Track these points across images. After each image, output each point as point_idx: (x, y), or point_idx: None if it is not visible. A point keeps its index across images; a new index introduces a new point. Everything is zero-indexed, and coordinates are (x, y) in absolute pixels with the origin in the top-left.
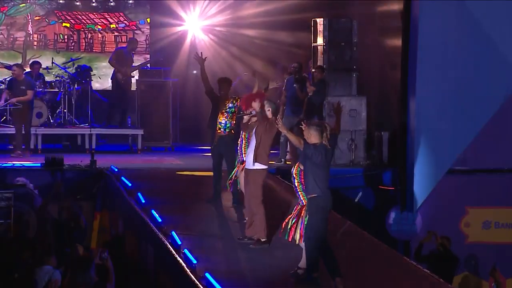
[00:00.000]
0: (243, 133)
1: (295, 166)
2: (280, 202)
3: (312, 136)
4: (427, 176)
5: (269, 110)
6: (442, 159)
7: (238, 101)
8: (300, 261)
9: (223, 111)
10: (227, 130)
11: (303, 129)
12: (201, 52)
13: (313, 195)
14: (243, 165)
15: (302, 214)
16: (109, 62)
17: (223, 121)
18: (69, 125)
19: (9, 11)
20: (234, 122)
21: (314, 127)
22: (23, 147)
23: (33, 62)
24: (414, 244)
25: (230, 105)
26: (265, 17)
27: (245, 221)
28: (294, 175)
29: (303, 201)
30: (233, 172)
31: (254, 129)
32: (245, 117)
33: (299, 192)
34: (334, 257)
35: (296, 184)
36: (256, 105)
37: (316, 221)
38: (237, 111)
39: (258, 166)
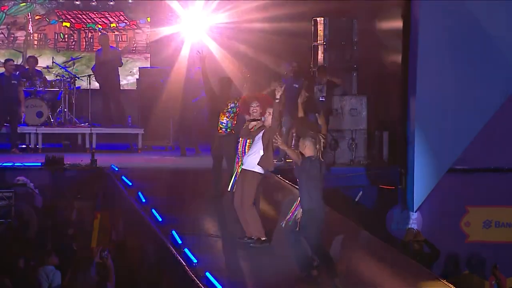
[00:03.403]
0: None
1: None
2: (280, 201)
3: (307, 148)
4: (428, 175)
5: (270, 114)
6: (442, 158)
7: (239, 101)
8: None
9: (225, 111)
10: (228, 130)
11: (299, 142)
12: (202, 50)
13: (308, 208)
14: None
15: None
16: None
17: (225, 121)
18: (70, 124)
19: (10, 10)
20: (235, 122)
21: (309, 139)
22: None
23: (29, 57)
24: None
25: (232, 105)
26: (266, 17)
27: None
28: (295, 166)
29: None
30: (235, 173)
31: (261, 135)
32: (252, 124)
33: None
34: (330, 258)
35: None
36: (259, 108)
37: (312, 232)
38: (238, 113)
39: (258, 169)
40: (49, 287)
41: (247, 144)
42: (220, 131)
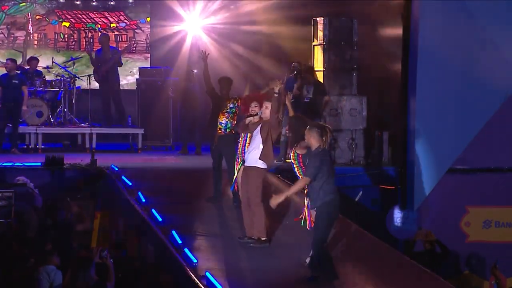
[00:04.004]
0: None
1: (292, 151)
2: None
3: (312, 138)
4: (428, 176)
5: (267, 108)
6: (442, 158)
7: (239, 101)
8: (306, 256)
9: (224, 111)
10: (227, 130)
11: (305, 131)
12: (204, 50)
13: (322, 203)
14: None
15: (306, 201)
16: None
17: (224, 121)
18: (70, 124)
19: (10, 10)
20: (235, 122)
21: (315, 129)
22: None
23: (30, 57)
24: (415, 244)
25: (231, 105)
26: (266, 16)
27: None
28: (293, 160)
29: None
30: (235, 173)
31: (259, 129)
32: (248, 119)
33: (300, 176)
34: (330, 259)
35: (296, 169)
36: (257, 108)
37: (322, 226)
38: (238, 113)
39: (261, 164)
40: (51, 287)
41: (247, 143)
42: (219, 131)
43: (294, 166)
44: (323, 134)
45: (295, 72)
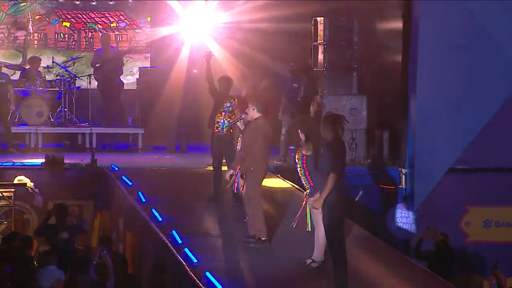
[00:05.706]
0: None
1: (298, 151)
2: (280, 201)
3: (325, 130)
4: (428, 175)
5: (253, 109)
6: (443, 158)
7: (235, 100)
8: (309, 254)
9: (221, 110)
10: (224, 130)
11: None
12: (210, 51)
13: (331, 199)
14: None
15: (304, 202)
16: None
17: (221, 121)
18: (70, 124)
19: (10, 10)
20: (233, 121)
21: (328, 120)
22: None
23: (32, 57)
24: (414, 242)
25: (228, 104)
26: (266, 16)
27: (245, 220)
28: (297, 160)
29: (305, 185)
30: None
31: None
32: (238, 123)
33: (302, 177)
34: (344, 262)
35: (298, 169)
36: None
37: (332, 226)
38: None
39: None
40: (51, 287)
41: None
42: (216, 130)
43: (298, 166)
44: (336, 123)
45: (293, 72)
